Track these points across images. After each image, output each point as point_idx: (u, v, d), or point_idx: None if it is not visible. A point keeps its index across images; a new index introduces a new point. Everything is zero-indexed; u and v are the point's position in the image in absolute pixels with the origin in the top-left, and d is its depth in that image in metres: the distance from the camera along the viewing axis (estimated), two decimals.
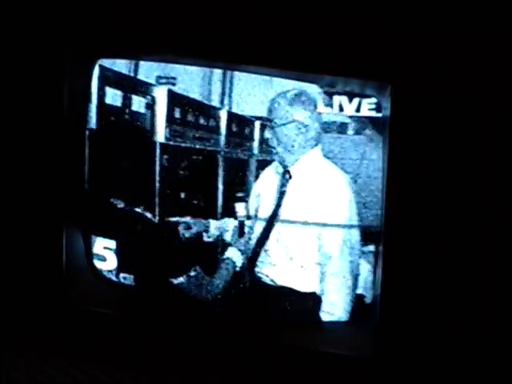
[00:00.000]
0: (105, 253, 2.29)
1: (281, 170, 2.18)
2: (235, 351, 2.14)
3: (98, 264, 2.29)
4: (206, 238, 2.26)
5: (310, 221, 2.13)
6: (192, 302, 2.27)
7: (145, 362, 2.18)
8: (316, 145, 2.13)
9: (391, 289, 1.99)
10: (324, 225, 2.12)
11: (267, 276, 2.21)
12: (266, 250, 2.20)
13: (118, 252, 2.28)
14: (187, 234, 2.25)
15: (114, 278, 2.30)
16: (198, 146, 2.22)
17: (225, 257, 2.24)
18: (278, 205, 2.18)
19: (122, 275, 2.29)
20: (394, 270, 1.98)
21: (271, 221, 2.18)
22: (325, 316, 2.15)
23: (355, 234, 2.11)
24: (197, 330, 2.19)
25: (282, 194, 2.18)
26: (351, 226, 2.11)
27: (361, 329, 2.10)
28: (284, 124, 2.12)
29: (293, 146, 2.14)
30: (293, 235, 2.16)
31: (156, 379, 2.13)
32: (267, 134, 2.16)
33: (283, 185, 2.18)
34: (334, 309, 2.14)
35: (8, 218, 2.27)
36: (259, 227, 2.21)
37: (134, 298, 2.27)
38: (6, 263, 2.27)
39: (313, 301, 2.16)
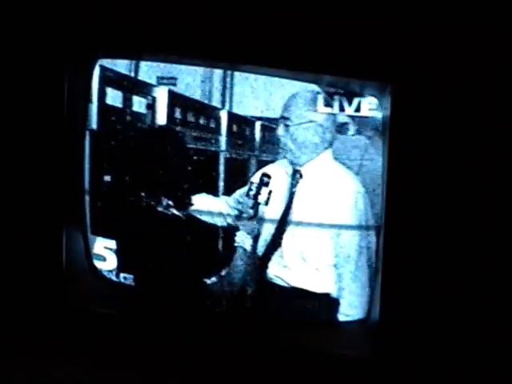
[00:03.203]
0: (105, 253, 2.29)
1: (290, 170, 2.17)
2: (234, 351, 2.15)
3: (97, 264, 2.29)
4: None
5: (325, 222, 2.11)
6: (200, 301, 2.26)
7: (145, 362, 2.18)
8: (330, 146, 2.12)
9: (390, 289, 2.00)
10: (340, 226, 2.11)
11: (280, 278, 2.19)
12: (278, 252, 2.17)
13: (120, 252, 2.28)
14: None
15: (114, 278, 2.30)
16: (198, 146, 2.22)
17: (236, 244, 2.20)
18: (289, 205, 2.15)
19: (122, 275, 2.29)
20: (394, 269, 1.99)
21: (282, 222, 2.16)
22: (343, 317, 2.14)
23: (371, 234, 2.10)
24: (198, 329, 2.19)
25: (292, 195, 2.16)
26: (367, 226, 2.10)
27: (359, 329, 2.11)
28: (301, 124, 2.11)
29: (307, 146, 2.12)
30: (307, 237, 2.14)
31: (156, 379, 2.13)
32: (281, 132, 2.13)
33: (293, 185, 2.16)
34: (353, 309, 2.12)
35: (8, 218, 2.27)
36: (270, 229, 2.18)
37: (133, 297, 2.27)
38: (6, 263, 2.28)
39: (327, 302, 2.14)
